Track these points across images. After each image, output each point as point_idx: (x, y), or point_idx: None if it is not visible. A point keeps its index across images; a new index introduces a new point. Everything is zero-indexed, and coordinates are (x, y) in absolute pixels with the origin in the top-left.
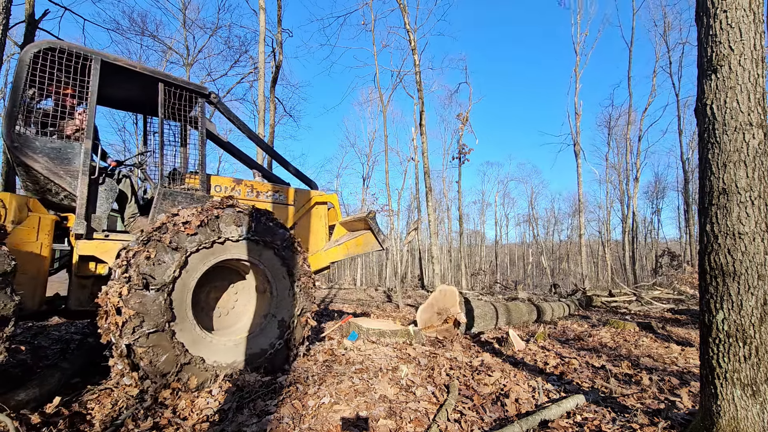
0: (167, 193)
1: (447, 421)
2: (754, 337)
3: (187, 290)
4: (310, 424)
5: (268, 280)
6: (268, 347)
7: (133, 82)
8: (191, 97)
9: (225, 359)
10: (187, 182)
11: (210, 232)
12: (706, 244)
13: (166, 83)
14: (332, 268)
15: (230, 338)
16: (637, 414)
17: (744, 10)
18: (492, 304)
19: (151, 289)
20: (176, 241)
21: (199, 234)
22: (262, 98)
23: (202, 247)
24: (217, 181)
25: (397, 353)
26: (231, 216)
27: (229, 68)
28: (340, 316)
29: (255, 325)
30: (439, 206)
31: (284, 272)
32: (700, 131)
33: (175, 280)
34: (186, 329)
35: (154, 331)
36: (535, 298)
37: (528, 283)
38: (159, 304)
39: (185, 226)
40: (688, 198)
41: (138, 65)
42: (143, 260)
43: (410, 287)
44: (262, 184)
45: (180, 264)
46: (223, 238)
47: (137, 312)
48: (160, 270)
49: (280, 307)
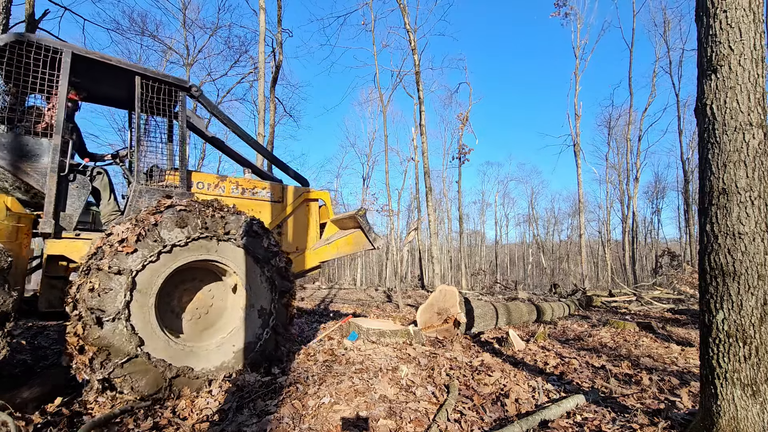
0: (143, 191)
1: (447, 421)
2: (754, 337)
3: (147, 309)
4: (310, 424)
5: (235, 272)
6: (255, 339)
7: (112, 76)
8: (172, 91)
9: (213, 363)
10: (167, 179)
11: (152, 243)
12: (706, 244)
13: (143, 77)
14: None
15: (212, 341)
16: (637, 414)
17: (744, 9)
18: (492, 304)
19: (105, 322)
20: (116, 264)
21: (139, 249)
22: (262, 98)
23: (148, 262)
24: (199, 177)
25: (397, 353)
26: (171, 219)
27: (229, 68)
28: (340, 316)
29: (235, 320)
30: (439, 206)
31: (250, 260)
32: (700, 131)
33: (129, 304)
34: (160, 346)
35: (127, 359)
36: (535, 298)
37: (528, 283)
38: (121, 332)
39: (122, 245)
40: (688, 198)
41: (113, 59)
42: (88, 293)
43: (410, 287)
44: (248, 180)
45: (128, 287)
46: (168, 245)
47: (100, 347)
48: (109, 299)
49: (257, 296)
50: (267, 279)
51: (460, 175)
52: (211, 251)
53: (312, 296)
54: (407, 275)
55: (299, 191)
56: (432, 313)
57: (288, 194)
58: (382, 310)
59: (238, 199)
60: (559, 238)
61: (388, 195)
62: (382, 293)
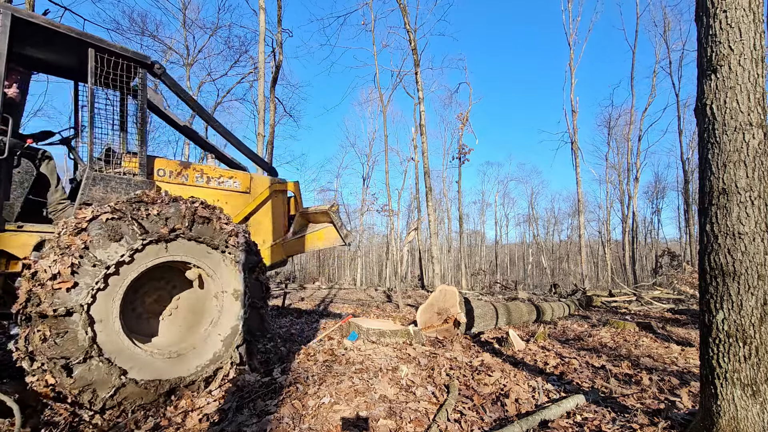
0: (97, 178)
1: (447, 421)
2: (754, 337)
3: (116, 335)
4: (310, 424)
5: (196, 265)
6: (237, 321)
7: (60, 44)
8: (130, 66)
9: (205, 358)
10: (125, 165)
11: (92, 269)
12: (706, 244)
13: (98, 49)
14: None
15: (197, 337)
16: (637, 414)
17: (744, 9)
18: (492, 304)
19: (75, 366)
20: (60, 304)
21: (80, 281)
22: (262, 98)
23: (96, 291)
24: (161, 164)
25: (397, 353)
26: (102, 234)
27: (229, 68)
28: (340, 316)
29: (212, 310)
30: (439, 206)
31: (206, 248)
32: (700, 131)
33: (95, 339)
34: (145, 365)
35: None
36: (535, 298)
37: (528, 283)
38: (97, 368)
39: (58, 282)
40: (688, 198)
41: (61, 26)
42: (41, 345)
43: (410, 287)
44: (213, 169)
45: (86, 323)
46: (110, 265)
47: (81, 389)
48: (69, 342)
49: (226, 280)
50: (231, 260)
51: (460, 175)
52: (161, 253)
53: (312, 296)
54: (407, 275)
55: (268, 182)
56: (432, 313)
57: (256, 185)
58: (382, 310)
59: (203, 188)
60: (559, 238)
61: (388, 195)
62: (382, 293)
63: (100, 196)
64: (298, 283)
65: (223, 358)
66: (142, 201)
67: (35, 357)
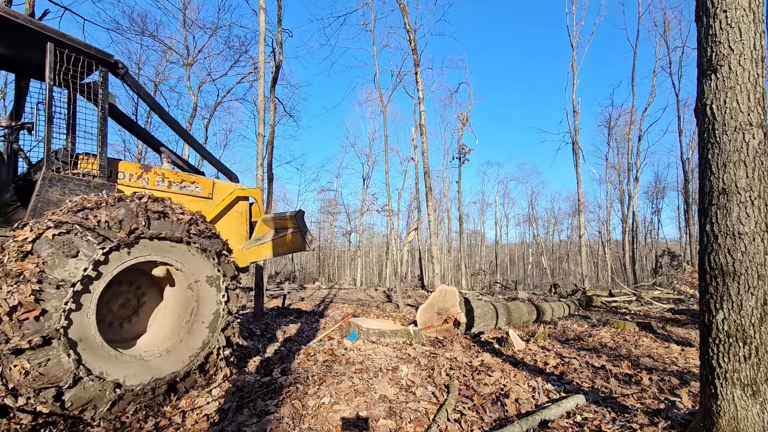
0: (54, 179)
1: (447, 421)
2: (754, 337)
3: (100, 350)
4: (310, 424)
5: (162, 261)
6: (216, 304)
7: (11, 35)
8: (90, 63)
9: (195, 347)
10: (82, 166)
11: (55, 291)
12: (706, 244)
13: (57, 43)
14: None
15: (182, 330)
16: (637, 414)
17: (744, 9)
18: (492, 304)
19: (66, 390)
20: (34, 334)
21: (47, 305)
22: (262, 98)
23: (68, 311)
24: (122, 167)
25: (397, 353)
26: (54, 252)
27: (229, 68)
28: (340, 316)
29: (189, 301)
30: (439, 206)
31: (168, 243)
32: (700, 131)
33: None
34: (137, 372)
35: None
36: (535, 298)
37: (528, 283)
38: (89, 387)
39: (23, 314)
40: (688, 198)
41: (20, 15)
42: (24, 379)
43: (410, 287)
44: (175, 173)
45: (67, 346)
46: (76, 282)
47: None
48: (55, 369)
49: (197, 270)
50: (197, 249)
51: (460, 175)
52: (124, 258)
53: (312, 296)
54: (407, 275)
55: (230, 188)
56: (432, 313)
57: (218, 190)
58: (382, 310)
59: (164, 192)
60: (559, 238)
61: (388, 195)
62: (382, 293)
63: (57, 198)
64: (298, 283)
65: (211, 343)
66: (84, 208)
67: (19, 392)
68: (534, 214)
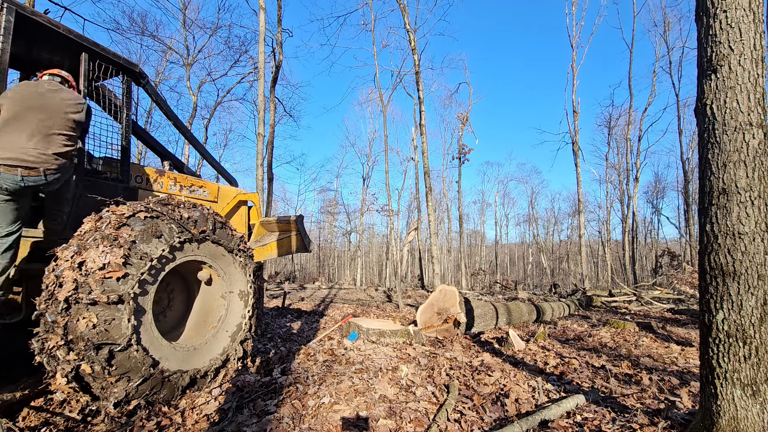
0: (96, 184)
1: (447, 421)
2: (754, 337)
3: (149, 326)
4: (310, 424)
5: (211, 266)
6: (241, 319)
7: (50, 43)
8: (118, 72)
9: (215, 352)
10: (108, 170)
11: (138, 261)
12: (706, 244)
13: (91, 54)
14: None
15: (208, 334)
16: (637, 414)
17: (744, 9)
18: (492, 304)
19: (117, 353)
20: (112, 291)
21: (130, 272)
22: (262, 98)
23: (143, 281)
24: (136, 171)
25: (397, 353)
26: (146, 230)
27: (229, 68)
28: (340, 316)
29: (220, 309)
30: (439, 206)
31: (222, 250)
32: (700, 131)
33: (137, 328)
34: (170, 357)
35: (142, 380)
36: (535, 298)
37: (528, 283)
38: (134, 357)
39: (109, 272)
40: (688, 198)
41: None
42: (90, 331)
43: (410, 287)
44: (185, 177)
45: (131, 311)
46: (154, 258)
47: (118, 377)
48: (115, 329)
49: (234, 282)
50: (240, 263)
51: (460, 175)
52: (192, 252)
53: (312, 296)
54: (407, 275)
55: (233, 192)
56: (432, 313)
57: (222, 194)
58: (382, 310)
59: (176, 196)
60: (559, 238)
61: (388, 195)
62: (382, 293)
63: (92, 200)
64: (298, 283)
65: (229, 351)
66: (169, 203)
67: (74, 345)
68: (534, 214)
